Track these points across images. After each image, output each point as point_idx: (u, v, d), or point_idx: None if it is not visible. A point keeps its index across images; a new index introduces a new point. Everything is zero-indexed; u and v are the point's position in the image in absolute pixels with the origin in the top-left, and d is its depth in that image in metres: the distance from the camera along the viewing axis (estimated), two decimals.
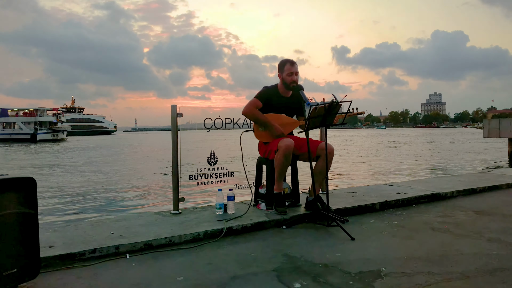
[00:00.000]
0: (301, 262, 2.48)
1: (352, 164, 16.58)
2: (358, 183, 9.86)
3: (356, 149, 29.00)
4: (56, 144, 57.54)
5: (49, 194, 9.86)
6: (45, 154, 29.31)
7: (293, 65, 3.66)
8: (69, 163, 19.71)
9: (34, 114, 74.60)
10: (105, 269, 2.44)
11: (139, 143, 52.09)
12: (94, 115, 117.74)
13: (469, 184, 5.00)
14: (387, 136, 68.11)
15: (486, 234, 3.06)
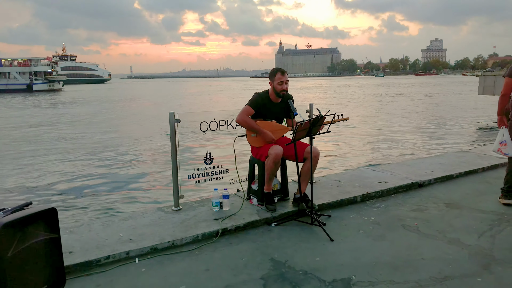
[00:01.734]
0: (285, 269, 2.93)
1: (348, 130, 16.95)
2: (347, 161, 10.26)
3: (350, 108, 29.22)
4: (53, 95, 57.33)
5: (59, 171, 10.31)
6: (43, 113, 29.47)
7: (283, 74, 3.92)
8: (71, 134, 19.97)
9: (28, 64, 73.51)
10: (119, 275, 2.88)
11: (137, 95, 51.96)
12: (88, 63, 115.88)
13: (447, 169, 5.41)
14: (384, 86, 67.81)
15: (449, 233, 3.49)
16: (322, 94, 48.98)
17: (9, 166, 10.70)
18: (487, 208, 4.11)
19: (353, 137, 14.68)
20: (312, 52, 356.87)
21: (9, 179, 9.18)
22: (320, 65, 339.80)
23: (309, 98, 41.82)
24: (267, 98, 4.00)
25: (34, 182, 8.86)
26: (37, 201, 6.78)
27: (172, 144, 3.98)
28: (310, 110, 4.76)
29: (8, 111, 30.57)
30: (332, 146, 12.76)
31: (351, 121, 19.43)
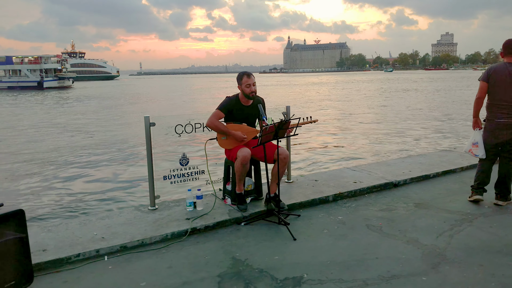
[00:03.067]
0: (243, 267, 3.08)
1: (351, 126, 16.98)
2: (339, 153, 10.35)
3: (352, 103, 29.17)
4: (63, 91, 58.12)
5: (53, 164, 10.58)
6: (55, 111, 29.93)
7: (249, 76, 4.06)
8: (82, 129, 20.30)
9: (39, 61, 74.43)
10: (86, 272, 3.06)
11: (141, 92, 52.36)
12: (96, 60, 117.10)
13: (426, 168, 5.50)
14: (392, 81, 67.29)
15: (410, 233, 3.61)
16: (326, 90, 48.87)
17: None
18: (454, 208, 4.21)
19: (349, 134, 14.75)
20: (320, 47, 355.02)
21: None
22: (329, 60, 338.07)
23: (311, 94, 41.81)
24: (238, 102, 4.14)
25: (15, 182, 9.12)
26: (14, 202, 7.00)
27: (147, 146, 4.14)
28: (287, 112, 4.89)
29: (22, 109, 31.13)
30: (328, 143, 12.85)
31: (351, 117, 19.49)
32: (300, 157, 10.64)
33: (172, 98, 40.57)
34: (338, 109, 24.49)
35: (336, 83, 72.20)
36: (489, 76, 4.12)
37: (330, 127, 16.82)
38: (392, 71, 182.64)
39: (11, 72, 73.66)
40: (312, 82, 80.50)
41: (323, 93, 43.05)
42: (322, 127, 16.51)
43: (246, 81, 4.04)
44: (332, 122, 18.27)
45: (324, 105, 28.20)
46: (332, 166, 8.99)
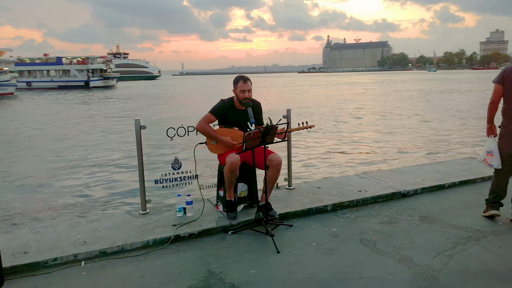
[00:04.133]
0: (214, 280, 2.92)
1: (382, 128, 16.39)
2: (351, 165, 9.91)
3: (388, 104, 28.18)
4: (107, 90, 60.45)
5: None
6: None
7: (245, 82, 3.88)
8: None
9: (86, 62, 77.74)
10: (59, 277, 3.02)
11: (179, 92, 53.30)
12: (139, 60, 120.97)
13: (442, 177, 5.10)
14: (434, 82, 64.56)
15: (405, 250, 3.31)
16: (363, 90, 47.59)
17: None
18: (463, 223, 3.84)
19: (381, 136, 14.18)
20: (361, 46, 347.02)
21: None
22: (369, 59, 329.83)
23: (346, 94, 40.83)
24: (232, 105, 3.98)
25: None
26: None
27: (138, 150, 4.08)
28: (287, 116, 4.67)
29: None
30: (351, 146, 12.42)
31: (384, 119, 18.80)
32: (317, 161, 10.34)
33: (209, 98, 41.04)
34: (371, 110, 23.73)
35: (375, 82, 70.26)
36: (504, 78, 3.73)
37: (357, 129, 16.29)
38: (436, 71, 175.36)
39: (61, 72, 77.47)
40: (350, 81, 78.82)
41: (359, 93, 41.98)
42: (347, 129, 16.03)
43: (241, 86, 3.88)
44: (363, 124, 17.70)
45: (358, 106, 27.44)
46: (350, 171, 8.62)
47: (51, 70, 77.75)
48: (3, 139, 16.49)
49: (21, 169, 10.50)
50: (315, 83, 75.54)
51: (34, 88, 72.97)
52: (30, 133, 18.07)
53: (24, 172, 10.12)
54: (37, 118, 24.31)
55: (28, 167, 10.75)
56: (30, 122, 22.51)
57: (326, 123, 18.42)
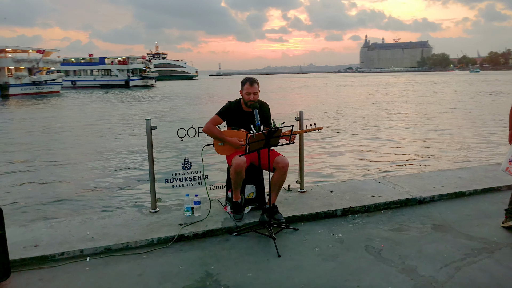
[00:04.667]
0: (210, 282, 2.93)
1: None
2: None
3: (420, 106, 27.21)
4: (146, 90, 62.17)
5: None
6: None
7: (252, 85, 3.86)
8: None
9: (126, 62, 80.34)
10: (63, 272, 3.12)
11: (215, 92, 53.93)
12: (176, 61, 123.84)
13: (464, 184, 4.86)
14: (477, 84, 61.74)
15: (410, 260, 3.18)
16: (400, 91, 46.21)
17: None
18: (478, 234, 3.64)
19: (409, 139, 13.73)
20: (400, 46, 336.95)
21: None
22: (408, 60, 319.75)
23: (381, 95, 39.79)
24: (239, 107, 3.98)
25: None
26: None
27: (148, 149, 4.15)
28: (300, 117, 4.61)
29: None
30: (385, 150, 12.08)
31: (418, 121, 18.18)
32: (342, 163, 10.14)
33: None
34: (407, 112, 23.02)
35: (414, 83, 68.12)
36: None
37: (389, 131, 15.84)
38: (479, 72, 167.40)
39: (103, 71, 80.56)
40: (388, 82, 76.82)
41: (395, 94, 40.85)
42: (378, 131, 15.63)
43: (247, 89, 3.87)
44: (396, 127, 17.20)
45: (391, 106, 26.70)
46: (374, 175, 8.40)
47: (94, 70, 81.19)
48: (48, 134, 17.34)
49: (54, 160, 11.00)
50: (350, 84, 74.27)
51: (78, 87, 76.45)
52: (67, 129, 18.90)
53: (56, 163, 10.60)
54: (77, 116, 25.40)
55: (61, 158, 11.24)
56: (71, 118, 23.55)
57: (357, 125, 18.06)
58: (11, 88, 50.29)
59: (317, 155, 11.44)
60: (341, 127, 17.48)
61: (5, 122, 23.17)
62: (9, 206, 7.10)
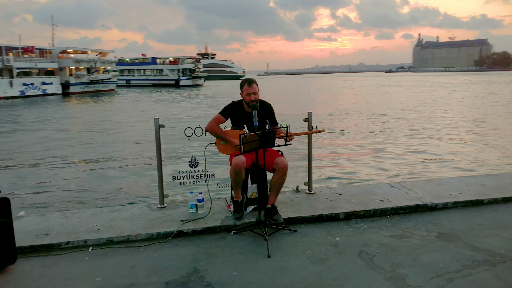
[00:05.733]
0: (195, 277, 3.01)
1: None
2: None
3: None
4: (196, 89, 63.86)
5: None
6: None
7: (250, 85, 3.90)
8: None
9: (177, 62, 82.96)
10: (65, 260, 3.34)
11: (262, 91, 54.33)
12: (224, 61, 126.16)
13: (484, 192, 4.58)
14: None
15: (402, 268, 3.07)
16: (451, 92, 43.92)
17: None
18: (485, 245, 3.43)
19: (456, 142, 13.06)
20: (456, 44, 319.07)
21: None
22: (465, 59, 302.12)
23: (430, 95, 38.03)
24: (241, 107, 4.03)
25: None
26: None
27: (157, 147, 4.32)
28: (309, 118, 4.57)
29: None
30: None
31: (458, 127, 17.25)
32: (366, 165, 9.86)
33: (287, 98, 41.27)
34: (451, 114, 21.90)
35: (469, 84, 64.49)
36: None
37: (428, 134, 15.16)
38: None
39: (155, 71, 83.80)
40: (440, 82, 73.30)
41: (446, 95, 38.94)
42: (418, 133, 15.00)
43: (246, 90, 3.92)
44: (438, 130, 16.44)
45: (437, 108, 25.50)
46: (397, 178, 8.10)
47: (147, 70, 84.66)
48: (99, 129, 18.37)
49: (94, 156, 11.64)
50: (400, 84, 71.71)
51: (132, 86, 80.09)
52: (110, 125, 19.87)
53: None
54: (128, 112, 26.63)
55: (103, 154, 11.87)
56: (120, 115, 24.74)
57: (393, 127, 17.45)
58: (72, 87, 53.77)
59: (344, 154, 11.23)
60: (376, 128, 16.99)
61: (67, 118, 24.81)
62: (46, 194, 7.64)
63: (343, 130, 17.07)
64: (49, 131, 19.02)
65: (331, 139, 14.62)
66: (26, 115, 27.70)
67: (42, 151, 13.53)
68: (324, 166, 9.67)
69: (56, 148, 14.27)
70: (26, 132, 19.20)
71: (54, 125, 21.49)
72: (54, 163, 11.58)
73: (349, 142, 13.98)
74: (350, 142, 13.94)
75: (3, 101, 41.72)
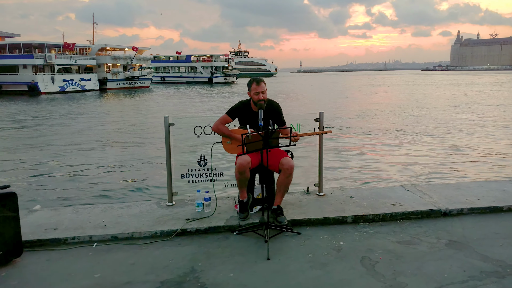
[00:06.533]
0: (190, 278, 3.00)
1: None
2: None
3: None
4: (227, 86, 64.38)
5: None
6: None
7: (258, 84, 3.85)
8: None
9: (210, 60, 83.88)
10: (69, 255, 3.42)
11: (291, 89, 53.87)
12: (257, 58, 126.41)
13: (505, 198, 4.32)
14: None
15: (404, 277, 2.94)
16: (488, 92, 41.93)
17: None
18: (497, 255, 3.23)
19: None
20: (498, 42, 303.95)
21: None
22: (508, 57, 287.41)
23: (463, 95, 36.46)
24: (248, 107, 3.99)
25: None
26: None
27: (166, 145, 4.35)
28: (320, 118, 4.48)
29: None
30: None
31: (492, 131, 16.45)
32: (389, 166, 9.55)
33: (315, 96, 40.82)
34: (483, 115, 20.91)
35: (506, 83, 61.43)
36: None
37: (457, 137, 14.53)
38: None
39: (189, 68, 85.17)
40: (477, 81, 70.22)
41: (481, 95, 37.25)
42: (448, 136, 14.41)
43: (254, 89, 3.87)
44: (469, 133, 15.74)
45: (470, 109, 24.42)
46: (416, 181, 7.81)
47: (181, 67, 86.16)
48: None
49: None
50: (435, 82, 69.30)
51: (166, 82, 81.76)
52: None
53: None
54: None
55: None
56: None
57: (420, 128, 16.87)
58: (109, 83, 55.53)
59: (369, 154, 10.95)
60: (407, 129, 16.48)
61: (104, 113, 25.67)
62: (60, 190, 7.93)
63: (369, 130, 16.68)
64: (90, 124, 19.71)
65: (356, 137, 14.32)
66: (74, 109, 28.90)
67: (74, 146, 14.04)
68: (345, 167, 9.50)
69: (89, 142, 14.76)
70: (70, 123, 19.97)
71: (94, 120, 22.25)
72: (86, 156, 11.99)
73: (375, 142, 13.65)
74: (376, 142, 13.61)
75: (46, 96, 43.71)
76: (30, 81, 46.11)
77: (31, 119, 23.60)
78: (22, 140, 15.90)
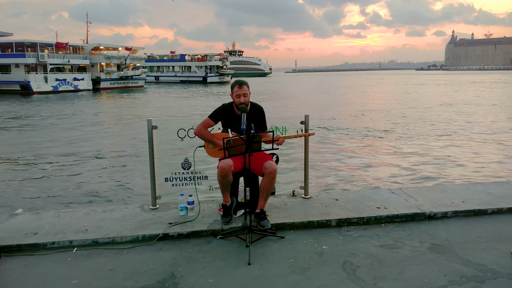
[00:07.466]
0: (169, 284, 2.96)
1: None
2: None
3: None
4: (222, 86, 64.29)
5: None
6: None
7: (240, 87, 3.82)
8: None
9: (204, 59, 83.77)
10: (48, 260, 3.37)
11: (281, 89, 53.83)
12: (251, 58, 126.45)
13: (490, 201, 4.32)
14: None
15: (384, 282, 2.92)
16: (482, 92, 42.21)
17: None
18: (479, 259, 3.22)
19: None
20: (492, 42, 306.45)
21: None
22: (501, 57, 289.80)
23: (457, 95, 36.66)
24: (231, 110, 3.95)
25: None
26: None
27: (149, 148, 4.31)
28: (305, 121, 4.45)
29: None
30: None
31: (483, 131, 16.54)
32: (379, 169, 9.56)
33: (307, 96, 40.85)
34: (475, 115, 21.03)
35: (504, 83, 61.85)
36: None
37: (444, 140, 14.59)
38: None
39: (183, 68, 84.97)
40: (472, 81, 70.68)
41: (475, 95, 37.47)
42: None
43: (236, 91, 3.84)
44: (453, 132, 15.81)
45: (462, 109, 24.55)
46: (406, 183, 7.81)
47: (175, 66, 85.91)
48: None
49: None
50: (428, 82, 69.66)
51: (160, 82, 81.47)
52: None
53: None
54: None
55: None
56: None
57: (411, 129, 16.92)
58: (102, 82, 55.19)
59: (358, 157, 10.95)
60: (399, 130, 16.53)
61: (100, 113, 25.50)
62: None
63: (359, 131, 16.70)
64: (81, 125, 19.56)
65: (347, 139, 14.33)
66: (64, 108, 28.69)
67: (65, 146, 13.93)
68: (334, 167, 9.49)
69: (83, 141, 14.65)
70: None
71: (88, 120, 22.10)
72: (78, 159, 11.89)
73: (366, 144, 13.67)
74: (366, 144, 13.63)
75: (38, 96, 43.37)
76: (22, 80, 45.74)
77: (20, 118, 23.39)
78: (14, 140, 15.75)
